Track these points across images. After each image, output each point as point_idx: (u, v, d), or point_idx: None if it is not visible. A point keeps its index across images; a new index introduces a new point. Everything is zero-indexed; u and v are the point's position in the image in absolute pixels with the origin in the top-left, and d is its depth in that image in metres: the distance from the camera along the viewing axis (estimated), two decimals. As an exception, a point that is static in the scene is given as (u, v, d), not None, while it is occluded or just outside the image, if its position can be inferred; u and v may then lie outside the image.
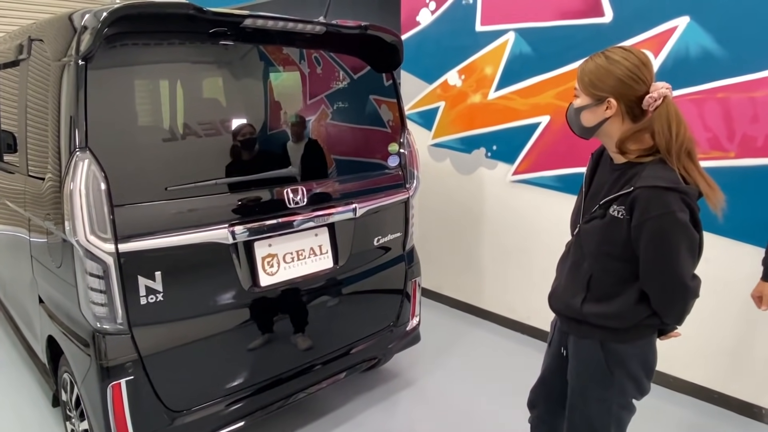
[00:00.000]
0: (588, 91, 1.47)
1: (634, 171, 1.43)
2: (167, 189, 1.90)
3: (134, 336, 1.86)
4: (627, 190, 1.41)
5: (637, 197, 1.38)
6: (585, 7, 2.90)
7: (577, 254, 1.57)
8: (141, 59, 1.97)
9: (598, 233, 1.48)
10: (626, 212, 1.41)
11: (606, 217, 1.45)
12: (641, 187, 1.37)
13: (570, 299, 1.57)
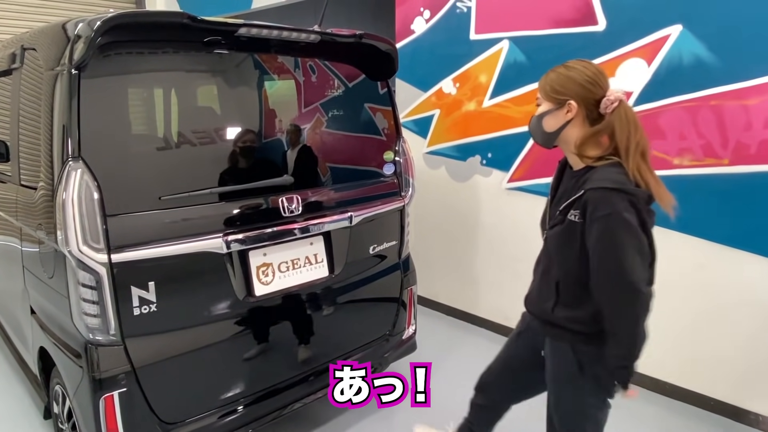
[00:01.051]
0: (550, 97, 1.55)
1: (588, 175, 1.48)
2: (161, 198, 1.88)
3: (127, 347, 1.84)
4: (579, 194, 1.46)
5: (588, 199, 1.43)
6: (578, 16, 2.92)
7: (546, 260, 1.64)
8: (135, 68, 1.96)
9: (560, 239, 1.54)
10: (580, 215, 1.46)
11: (565, 222, 1.51)
12: (590, 189, 1.43)
13: (543, 304, 1.64)
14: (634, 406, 2.82)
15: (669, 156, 2.70)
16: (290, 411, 2.31)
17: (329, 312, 2.45)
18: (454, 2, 3.48)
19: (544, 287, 1.64)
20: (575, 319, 1.55)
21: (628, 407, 2.80)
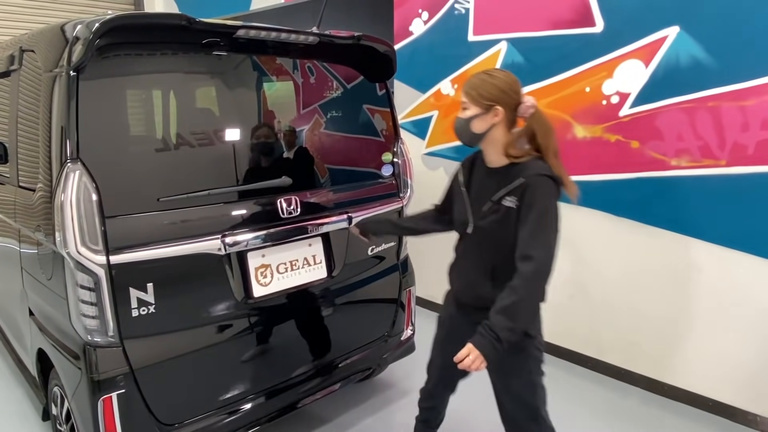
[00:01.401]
0: (478, 102, 1.69)
1: (519, 167, 1.68)
2: (159, 200, 1.88)
3: (125, 349, 1.84)
4: (518, 183, 1.65)
5: (529, 184, 1.63)
6: (576, 17, 2.93)
7: (476, 250, 1.78)
8: (133, 70, 1.97)
9: (496, 225, 1.70)
10: (518, 200, 1.65)
11: (501, 210, 1.68)
12: (532, 176, 1.64)
13: (480, 291, 1.76)
14: (632, 407, 2.84)
15: (667, 157, 2.70)
16: (288, 413, 2.31)
17: (327, 313, 2.45)
18: (452, 4, 3.49)
19: (477, 276, 1.78)
20: None
21: (626, 408, 2.82)
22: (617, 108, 2.83)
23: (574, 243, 3.17)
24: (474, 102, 1.70)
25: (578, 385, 3.06)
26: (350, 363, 2.55)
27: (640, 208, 2.84)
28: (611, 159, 2.90)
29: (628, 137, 2.82)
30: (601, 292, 3.10)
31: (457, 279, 1.87)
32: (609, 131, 2.88)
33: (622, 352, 3.06)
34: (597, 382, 3.09)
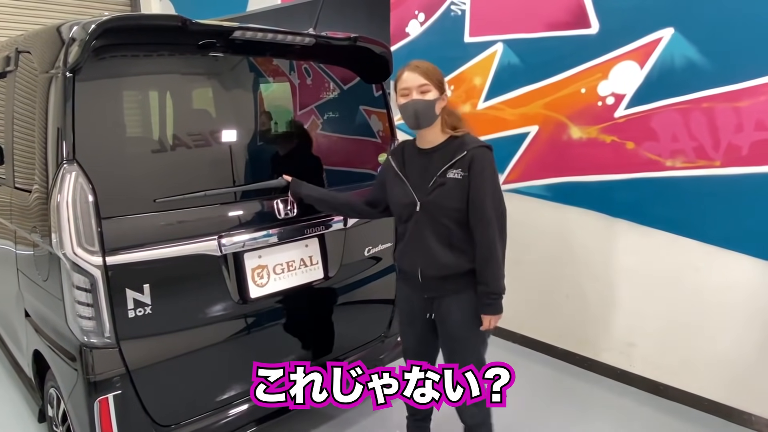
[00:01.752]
0: (439, 86, 1.89)
1: (457, 142, 1.90)
2: (156, 201, 1.89)
3: (122, 350, 1.84)
4: (461, 155, 1.86)
5: (475, 155, 1.85)
6: (572, 19, 2.94)
7: (429, 226, 1.91)
8: (130, 71, 1.97)
9: (446, 197, 1.87)
10: (464, 171, 1.85)
11: (447, 183, 1.87)
12: (474, 148, 1.87)
13: (444, 260, 1.91)
14: (627, 406, 2.85)
15: (662, 158, 2.72)
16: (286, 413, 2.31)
17: (324, 314, 2.45)
18: (448, 5, 3.50)
19: (437, 248, 1.91)
20: (470, 259, 1.91)
21: (622, 409, 2.83)
22: (612, 109, 2.85)
23: (570, 243, 3.18)
24: (436, 85, 1.87)
25: (574, 386, 3.07)
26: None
27: (636, 208, 2.86)
28: (607, 160, 2.91)
29: (624, 138, 2.83)
30: (596, 292, 3.11)
31: (417, 257, 1.96)
32: (604, 132, 2.90)
33: (618, 352, 3.07)
34: (593, 383, 3.10)
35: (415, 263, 1.98)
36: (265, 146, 2.33)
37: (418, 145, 1.99)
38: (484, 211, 1.86)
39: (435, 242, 1.91)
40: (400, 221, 2.02)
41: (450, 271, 1.92)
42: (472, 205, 1.86)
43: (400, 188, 1.98)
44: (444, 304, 1.97)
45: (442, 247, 1.91)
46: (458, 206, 1.87)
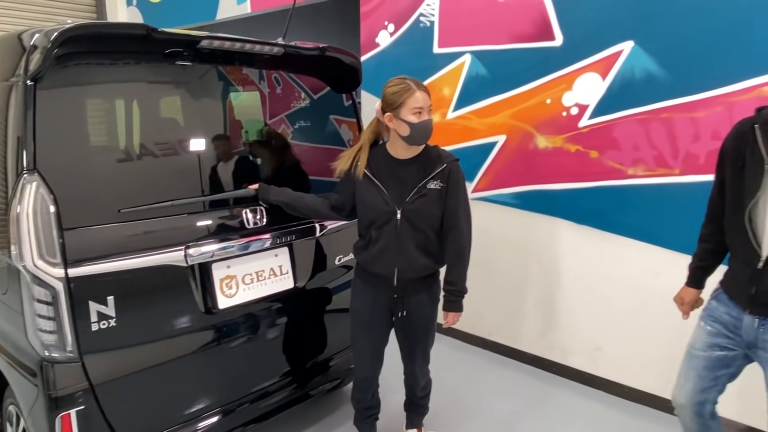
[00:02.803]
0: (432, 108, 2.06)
1: (434, 155, 2.07)
2: (120, 211, 1.86)
3: (85, 364, 1.79)
4: (441, 167, 2.03)
5: (452, 169, 2.05)
6: (537, 32, 3.02)
7: (407, 233, 2.04)
8: (94, 79, 1.94)
9: (428, 206, 2.03)
10: (443, 182, 2.03)
11: (429, 193, 2.03)
12: (451, 161, 2.06)
13: (419, 263, 2.09)
14: (596, 409, 2.91)
15: (624, 166, 2.80)
16: (259, 423, 2.28)
17: (295, 324, 2.44)
18: (417, 16, 3.55)
19: (415, 252, 2.06)
20: (438, 261, 2.14)
21: (590, 412, 2.88)
22: (576, 119, 2.93)
23: (538, 250, 3.24)
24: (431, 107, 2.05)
25: (544, 390, 3.12)
26: (318, 373, 2.54)
27: (600, 215, 2.93)
28: (572, 168, 2.99)
29: (587, 147, 2.91)
30: (563, 297, 3.18)
31: (394, 261, 2.07)
32: (569, 141, 2.97)
33: (586, 356, 3.13)
34: (562, 387, 3.15)
35: (391, 266, 2.08)
36: (234, 155, 2.31)
37: (393, 154, 2.09)
38: (458, 219, 2.07)
39: (413, 248, 2.06)
40: (372, 226, 2.08)
41: (424, 273, 2.13)
42: (448, 213, 2.06)
43: (377, 195, 2.06)
44: (414, 300, 2.15)
45: (419, 252, 2.07)
46: (437, 214, 2.06)
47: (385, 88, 2.04)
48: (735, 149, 1.72)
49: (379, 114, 2.08)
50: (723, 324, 1.81)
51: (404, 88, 1.98)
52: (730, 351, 1.81)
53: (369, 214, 2.10)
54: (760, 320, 1.70)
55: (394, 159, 2.08)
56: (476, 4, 3.24)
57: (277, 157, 2.49)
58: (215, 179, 2.20)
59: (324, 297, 2.58)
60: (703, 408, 1.89)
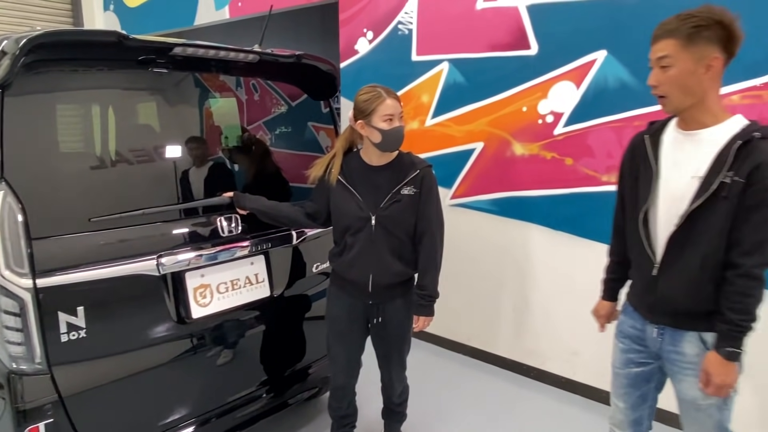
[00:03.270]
0: None
1: (407, 161, 2.10)
2: (91, 220, 1.83)
3: (54, 376, 1.76)
4: (415, 173, 2.06)
5: (425, 175, 2.07)
6: (513, 41, 3.05)
7: (382, 239, 2.06)
8: (65, 86, 1.91)
9: (402, 212, 2.05)
10: (417, 188, 2.06)
11: (403, 199, 2.05)
12: (424, 167, 2.09)
13: (395, 269, 2.10)
14: (574, 414, 2.93)
15: (598, 173, 2.84)
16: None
17: (271, 333, 2.42)
18: (396, 24, 3.57)
19: (390, 258, 2.08)
20: (413, 266, 2.15)
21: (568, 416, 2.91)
22: (552, 127, 2.97)
23: (515, 256, 3.27)
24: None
25: (522, 395, 3.14)
26: (296, 382, 2.53)
27: (575, 221, 2.97)
28: (548, 175, 3.02)
29: (563, 154, 2.95)
30: (540, 303, 3.21)
31: (369, 267, 2.09)
32: (545, 149, 3.01)
33: (563, 361, 3.16)
34: (540, 391, 3.18)
35: (366, 272, 2.10)
36: (211, 163, 2.30)
37: (367, 161, 2.11)
38: (431, 224, 2.09)
39: (388, 253, 2.08)
40: (347, 233, 2.10)
41: (400, 279, 2.13)
42: (421, 218, 2.08)
43: (351, 201, 2.08)
44: (389, 306, 2.16)
45: (394, 258, 2.09)
46: (411, 220, 2.08)
47: (356, 96, 2.06)
48: (631, 162, 1.75)
49: (351, 122, 2.09)
50: (631, 338, 1.78)
51: (375, 96, 2.00)
52: (645, 366, 1.77)
53: (343, 220, 2.10)
54: (659, 329, 1.67)
55: (368, 166, 2.11)
56: (453, 13, 3.27)
57: (255, 164, 2.48)
58: (190, 187, 2.18)
59: (301, 305, 2.57)
60: (640, 427, 1.86)
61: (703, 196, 1.50)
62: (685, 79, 1.50)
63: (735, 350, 1.51)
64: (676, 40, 1.50)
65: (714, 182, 1.48)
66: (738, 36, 1.48)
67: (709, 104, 1.53)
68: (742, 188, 1.45)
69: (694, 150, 1.56)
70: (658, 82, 1.56)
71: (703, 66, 1.49)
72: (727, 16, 1.47)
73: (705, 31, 1.47)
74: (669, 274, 1.61)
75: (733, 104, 2.41)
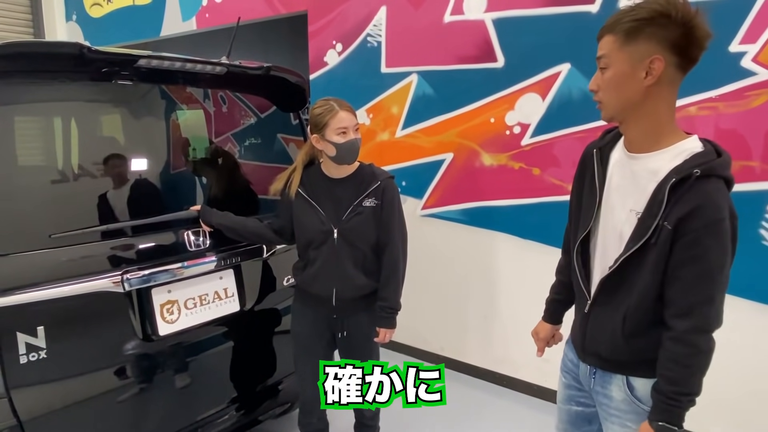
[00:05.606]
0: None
1: (367, 172, 2.08)
2: (52, 236, 1.77)
3: (12, 399, 1.68)
4: (376, 185, 2.04)
5: (386, 186, 2.06)
6: (480, 54, 3.11)
7: (345, 252, 2.03)
8: (25, 98, 1.86)
9: (363, 224, 2.03)
10: (378, 199, 2.04)
11: (364, 211, 2.03)
12: (386, 179, 2.08)
13: (358, 282, 2.07)
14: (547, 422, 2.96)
15: (564, 183, 2.90)
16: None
17: (242, 348, 2.38)
18: (365, 36, 3.59)
19: (353, 271, 2.05)
20: (376, 278, 2.11)
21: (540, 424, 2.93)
22: (519, 137, 3.02)
23: (486, 265, 3.30)
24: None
25: (495, 404, 3.16)
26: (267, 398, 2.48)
27: (543, 230, 3.02)
28: (516, 185, 3.07)
29: (530, 164, 3.00)
30: (511, 311, 3.24)
31: (333, 281, 2.06)
32: (513, 159, 3.06)
33: (534, 368, 3.20)
34: (513, 400, 3.20)
35: (329, 287, 2.06)
36: (177, 175, 2.26)
37: (327, 173, 2.09)
38: (393, 236, 2.07)
39: (351, 266, 2.05)
40: (310, 247, 2.07)
41: (364, 292, 2.10)
42: (383, 230, 2.06)
43: (313, 215, 2.06)
44: (353, 320, 2.13)
45: (357, 271, 2.06)
46: (374, 232, 2.05)
47: (311, 111, 2.04)
48: (580, 177, 1.51)
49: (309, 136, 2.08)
50: (571, 374, 1.58)
51: (327, 109, 1.98)
52: (586, 407, 1.55)
53: (306, 234, 2.08)
54: (591, 369, 1.47)
55: (329, 178, 2.09)
56: (421, 25, 3.31)
57: (223, 176, 2.45)
58: (156, 201, 2.14)
59: (272, 319, 2.53)
60: None
61: (638, 243, 1.25)
62: (620, 83, 1.24)
63: (668, 426, 1.25)
64: (615, 37, 1.23)
65: (651, 226, 1.23)
66: (699, 36, 1.18)
67: (650, 119, 1.25)
68: (671, 237, 1.21)
69: (633, 179, 1.31)
70: (596, 87, 1.31)
71: (642, 69, 1.20)
72: (681, 9, 1.16)
73: (647, 27, 1.18)
74: (598, 316, 1.41)
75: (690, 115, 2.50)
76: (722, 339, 1.30)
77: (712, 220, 1.18)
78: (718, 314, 1.25)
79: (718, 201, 1.18)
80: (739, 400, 2.54)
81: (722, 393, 2.54)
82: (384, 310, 2.10)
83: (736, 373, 2.47)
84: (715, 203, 1.18)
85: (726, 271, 1.23)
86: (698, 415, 2.44)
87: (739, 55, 2.37)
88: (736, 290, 2.47)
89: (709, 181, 1.19)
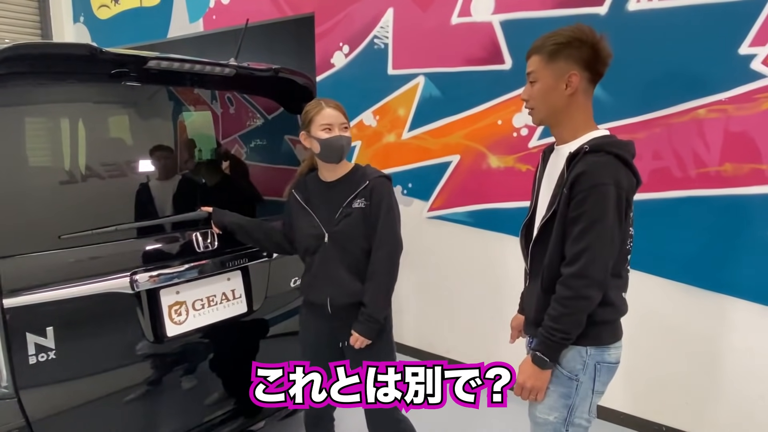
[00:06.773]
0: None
1: (359, 173, 2.02)
2: (61, 237, 1.78)
3: (21, 400, 1.69)
4: (364, 185, 1.97)
5: (375, 186, 1.97)
6: (487, 55, 3.10)
7: (337, 255, 1.98)
8: (35, 99, 1.87)
9: (353, 225, 1.96)
10: (367, 200, 1.96)
11: (353, 213, 1.96)
12: (375, 178, 1.99)
13: (352, 288, 1.98)
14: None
15: (572, 185, 2.89)
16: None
17: (248, 349, 2.38)
18: (371, 38, 3.60)
19: (346, 276, 1.98)
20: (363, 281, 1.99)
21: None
22: (526, 140, 3.01)
23: (493, 267, 3.29)
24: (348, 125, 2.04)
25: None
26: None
27: (551, 233, 3.01)
28: (522, 187, 3.06)
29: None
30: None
31: (326, 287, 2.00)
32: (520, 161, 3.05)
33: (541, 371, 3.18)
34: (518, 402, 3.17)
35: (323, 293, 2.02)
36: (184, 177, 2.26)
37: (323, 177, 2.07)
38: (380, 239, 1.97)
39: (344, 271, 1.98)
40: (307, 253, 2.05)
41: (358, 298, 1.99)
42: (373, 232, 1.98)
43: (307, 221, 2.03)
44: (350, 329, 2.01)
45: (351, 276, 1.98)
46: (364, 234, 1.97)
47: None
48: (536, 173, 1.77)
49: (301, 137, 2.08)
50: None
51: (313, 106, 2.00)
52: None
53: (302, 240, 2.06)
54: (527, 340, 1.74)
55: (324, 182, 2.06)
56: (429, 27, 3.31)
57: (231, 177, 2.45)
58: (164, 202, 2.14)
59: (279, 321, 2.53)
60: None
61: (550, 211, 1.54)
62: (547, 94, 1.55)
63: (541, 356, 1.53)
64: (541, 57, 1.55)
65: (557, 195, 1.52)
66: (603, 55, 1.53)
67: (571, 120, 1.56)
68: (566, 201, 1.48)
69: (554, 165, 1.61)
70: (528, 96, 1.60)
71: (563, 82, 1.52)
72: (589, 35, 1.51)
73: (566, 49, 1.51)
74: (530, 284, 1.70)
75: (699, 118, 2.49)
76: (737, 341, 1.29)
77: (594, 183, 1.43)
78: (601, 267, 1.46)
79: (600, 169, 1.44)
80: (740, 401, 2.52)
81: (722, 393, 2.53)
82: (362, 314, 1.96)
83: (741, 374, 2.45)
84: (598, 170, 1.44)
85: (609, 230, 1.45)
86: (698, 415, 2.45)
87: (749, 57, 2.36)
88: (748, 294, 2.48)
89: (597, 154, 1.46)
